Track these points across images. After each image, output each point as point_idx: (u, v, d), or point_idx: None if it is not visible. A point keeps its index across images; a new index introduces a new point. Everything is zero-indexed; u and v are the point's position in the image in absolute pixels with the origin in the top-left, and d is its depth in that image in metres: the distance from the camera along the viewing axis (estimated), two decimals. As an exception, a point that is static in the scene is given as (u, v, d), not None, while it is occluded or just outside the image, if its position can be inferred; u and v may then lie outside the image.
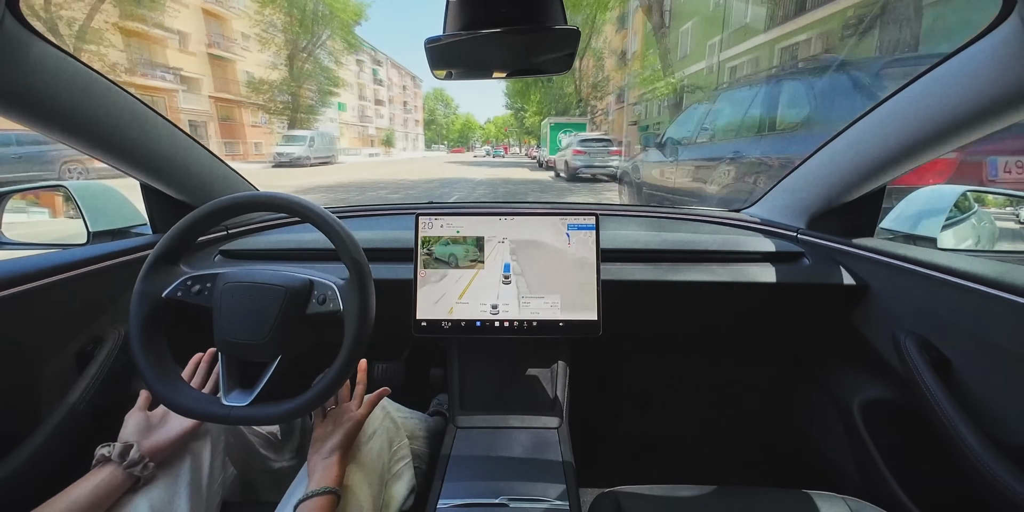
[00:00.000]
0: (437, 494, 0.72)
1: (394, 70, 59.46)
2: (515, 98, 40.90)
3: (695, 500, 0.73)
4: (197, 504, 0.66)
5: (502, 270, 0.86)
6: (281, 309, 0.62)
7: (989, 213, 1.50)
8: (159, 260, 0.65)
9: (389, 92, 56.57)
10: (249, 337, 0.62)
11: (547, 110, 30.30)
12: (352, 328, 0.61)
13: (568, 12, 0.62)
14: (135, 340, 0.62)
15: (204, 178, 1.02)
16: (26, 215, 2.12)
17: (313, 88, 26.02)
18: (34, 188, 1.47)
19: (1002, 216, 1.85)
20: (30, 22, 0.59)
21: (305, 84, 25.17)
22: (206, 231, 0.70)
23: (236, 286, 0.64)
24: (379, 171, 17.85)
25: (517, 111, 44.08)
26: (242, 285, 0.64)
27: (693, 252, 1.02)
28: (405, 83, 64.75)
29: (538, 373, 0.98)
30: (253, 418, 0.62)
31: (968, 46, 0.61)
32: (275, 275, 0.64)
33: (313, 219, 0.64)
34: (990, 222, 1.47)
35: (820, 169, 0.99)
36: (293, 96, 24.71)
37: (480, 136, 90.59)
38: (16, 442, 0.70)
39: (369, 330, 0.62)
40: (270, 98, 24.23)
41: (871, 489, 0.90)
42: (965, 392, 0.72)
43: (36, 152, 8.53)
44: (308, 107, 25.98)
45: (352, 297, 0.62)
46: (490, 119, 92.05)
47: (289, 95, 24.60)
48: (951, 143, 0.71)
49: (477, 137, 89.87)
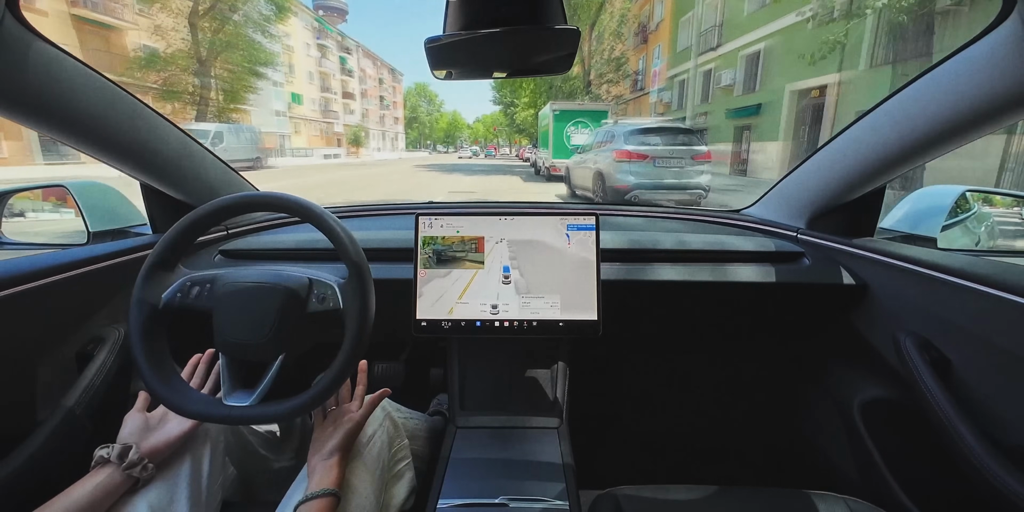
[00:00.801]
0: (437, 494, 0.72)
1: (368, 60, 53.14)
2: (503, 90, 35.19)
3: (695, 500, 0.73)
4: (197, 505, 0.66)
5: (502, 270, 0.86)
6: (281, 308, 0.62)
7: (989, 213, 1.50)
8: (155, 266, 0.65)
9: (362, 85, 50.71)
10: (250, 337, 0.62)
11: (542, 102, 23.74)
12: (352, 328, 0.61)
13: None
14: (136, 346, 0.62)
15: (203, 178, 1.02)
16: (58, 214, 2.20)
17: (238, 70, 18.43)
18: (34, 188, 1.47)
19: (1007, 216, 1.84)
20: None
21: (220, 63, 17.74)
22: (204, 233, 0.70)
23: (235, 287, 0.64)
24: (299, 182, 12.78)
25: (507, 107, 38.89)
26: (241, 286, 0.64)
27: (693, 252, 1.02)
28: (382, 76, 58.92)
29: (538, 373, 0.98)
30: (254, 418, 0.62)
31: (968, 46, 0.61)
32: (273, 274, 0.64)
33: (313, 219, 0.64)
34: (990, 222, 1.47)
35: (820, 169, 0.99)
36: (201, 77, 17.45)
37: (468, 136, 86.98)
38: (16, 442, 0.70)
39: (369, 330, 0.62)
40: (168, 80, 16.69)
41: (871, 489, 0.90)
42: (965, 392, 0.72)
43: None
44: (229, 95, 18.56)
45: (352, 297, 0.62)
46: (479, 118, 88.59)
47: (194, 76, 17.29)
48: (951, 143, 0.71)
49: (465, 137, 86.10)
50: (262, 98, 26.39)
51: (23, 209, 3.78)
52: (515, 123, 37.94)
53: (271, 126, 29.06)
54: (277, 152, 27.19)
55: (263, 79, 20.93)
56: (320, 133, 39.20)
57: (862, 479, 0.94)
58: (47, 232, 1.19)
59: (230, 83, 18.49)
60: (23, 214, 4.11)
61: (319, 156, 30.71)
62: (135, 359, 0.62)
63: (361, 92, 50.06)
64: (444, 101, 79.87)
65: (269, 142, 26.80)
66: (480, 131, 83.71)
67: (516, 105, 34.65)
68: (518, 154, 37.62)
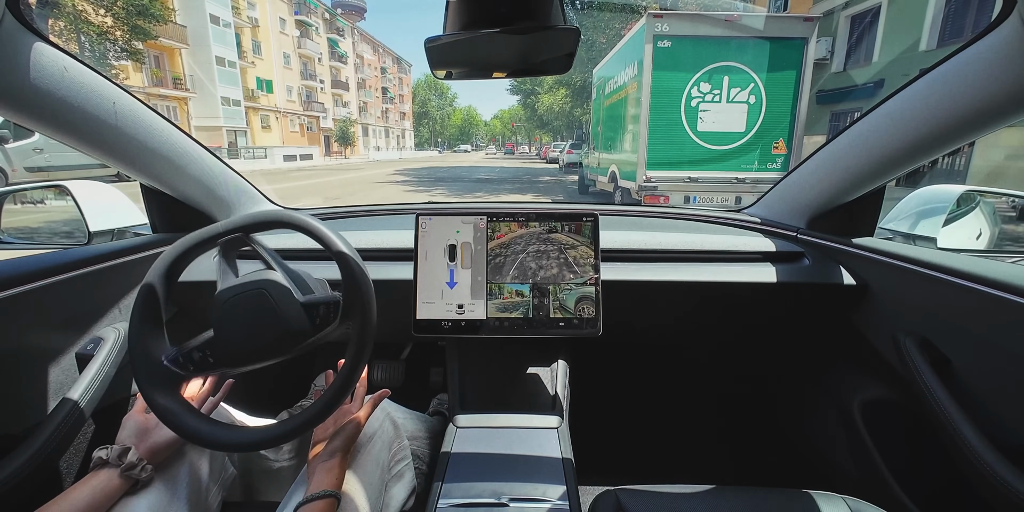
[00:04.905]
0: (437, 494, 0.72)
1: (366, 45, 44.95)
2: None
3: (695, 499, 0.73)
4: (196, 506, 0.66)
5: (503, 270, 0.86)
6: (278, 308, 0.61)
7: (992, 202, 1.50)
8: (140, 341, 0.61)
9: (359, 74, 42.86)
10: (255, 342, 0.60)
11: (577, 80, 17.68)
12: (354, 345, 0.60)
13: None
14: (146, 393, 0.60)
15: (204, 179, 1.02)
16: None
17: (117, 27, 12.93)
18: (34, 188, 1.47)
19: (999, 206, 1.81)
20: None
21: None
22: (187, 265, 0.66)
23: (233, 301, 0.61)
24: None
25: (526, 96, 34.31)
26: (238, 299, 0.61)
27: (693, 252, 1.02)
28: (385, 64, 50.65)
29: (538, 372, 0.98)
30: (264, 442, 0.60)
31: (968, 46, 0.61)
32: (272, 314, 0.61)
33: (314, 236, 0.62)
34: (990, 221, 1.47)
35: (820, 169, 0.99)
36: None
37: (485, 133, 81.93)
38: (15, 443, 0.70)
39: (370, 344, 0.61)
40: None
41: (871, 489, 0.90)
42: (965, 392, 0.72)
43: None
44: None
45: (353, 321, 0.60)
46: (496, 114, 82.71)
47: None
48: (951, 143, 0.71)
49: (482, 134, 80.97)
50: (201, 80, 21.30)
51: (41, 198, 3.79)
52: (536, 115, 32.36)
53: (215, 118, 22.66)
54: (229, 151, 20.98)
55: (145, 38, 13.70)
56: (301, 129, 32.21)
57: (862, 479, 0.94)
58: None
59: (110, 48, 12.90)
60: (43, 201, 4.09)
61: (278, 157, 21.64)
62: (153, 407, 0.59)
63: (358, 82, 42.52)
64: (457, 95, 70.16)
65: (215, 139, 22.04)
66: (497, 128, 78.81)
67: (538, 92, 29.11)
68: (540, 153, 31.83)
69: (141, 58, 15.13)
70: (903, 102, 0.75)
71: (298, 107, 32.02)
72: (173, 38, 19.66)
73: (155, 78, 20.08)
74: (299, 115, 32.29)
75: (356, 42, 41.79)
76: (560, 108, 29.32)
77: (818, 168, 0.99)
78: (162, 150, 0.88)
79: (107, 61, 13.97)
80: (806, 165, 1.03)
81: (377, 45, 48.41)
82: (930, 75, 0.68)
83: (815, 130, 11.02)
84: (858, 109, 10.44)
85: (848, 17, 10.82)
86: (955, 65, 0.64)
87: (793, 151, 5.46)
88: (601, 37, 15.32)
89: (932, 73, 0.68)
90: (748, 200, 2.20)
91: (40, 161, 8.82)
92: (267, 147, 23.57)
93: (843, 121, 10.97)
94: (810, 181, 1.03)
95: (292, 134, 30.92)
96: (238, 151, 22.21)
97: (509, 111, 69.91)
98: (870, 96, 10.02)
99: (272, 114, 29.12)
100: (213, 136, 22.63)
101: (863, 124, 0.84)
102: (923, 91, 0.70)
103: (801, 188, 1.07)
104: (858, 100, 10.58)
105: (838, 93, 10.99)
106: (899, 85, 0.75)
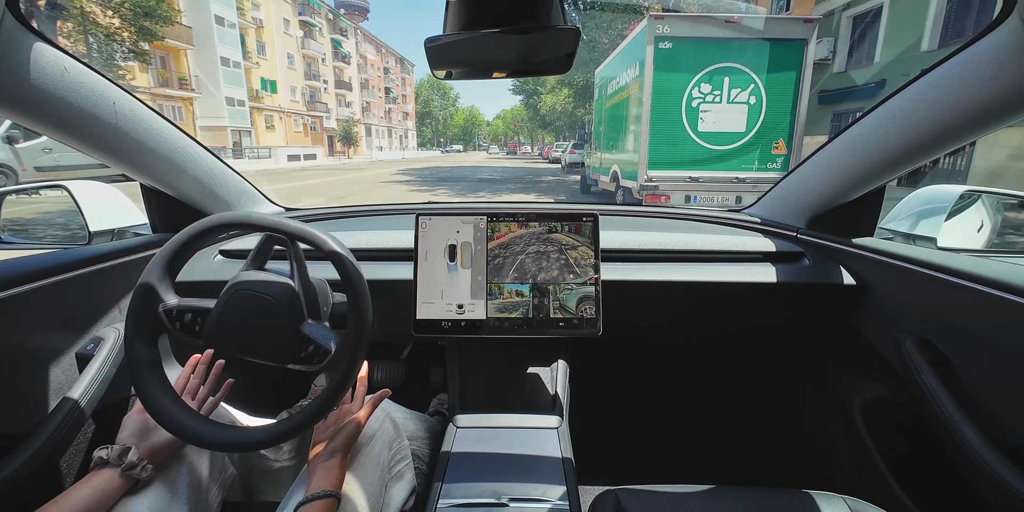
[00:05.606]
0: (437, 494, 0.72)
1: (369, 46, 45.39)
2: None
3: (695, 500, 0.73)
4: (196, 506, 0.66)
5: (503, 270, 0.86)
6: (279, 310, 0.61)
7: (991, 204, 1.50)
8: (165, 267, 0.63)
9: (363, 74, 43.19)
10: (242, 338, 0.60)
11: (578, 79, 17.24)
12: (351, 343, 0.60)
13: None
14: (138, 382, 0.60)
15: (204, 179, 1.02)
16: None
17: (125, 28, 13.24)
18: (34, 188, 1.47)
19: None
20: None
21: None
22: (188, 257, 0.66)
23: (240, 299, 0.61)
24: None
25: (528, 96, 34.23)
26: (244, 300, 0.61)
27: (693, 252, 1.02)
28: (388, 64, 51.25)
29: (538, 372, 0.98)
30: (260, 442, 0.60)
31: (968, 46, 0.61)
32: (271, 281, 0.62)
33: (313, 244, 0.62)
34: (992, 212, 1.46)
35: (820, 169, 0.99)
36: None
37: (488, 133, 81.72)
38: (15, 443, 0.70)
39: (366, 346, 0.61)
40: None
41: (871, 489, 0.90)
42: (965, 392, 0.72)
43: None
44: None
45: (346, 342, 0.60)
46: (499, 114, 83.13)
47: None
48: (951, 143, 0.71)
49: (484, 134, 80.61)
50: (206, 81, 21.64)
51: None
52: (539, 115, 32.58)
53: (220, 118, 23.07)
54: (234, 151, 21.38)
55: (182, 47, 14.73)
56: (305, 129, 32.51)
57: (862, 479, 0.94)
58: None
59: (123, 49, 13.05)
60: (38, 192, 4.12)
61: (282, 157, 21.92)
62: (143, 400, 0.60)
63: (361, 82, 42.92)
64: (460, 95, 71.35)
65: (220, 139, 22.48)
66: (500, 128, 79.32)
67: (540, 92, 29.14)
68: (542, 153, 31.63)
69: (147, 59, 15.23)
70: (903, 102, 0.75)
71: (302, 107, 32.28)
72: (179, 39, 19.87)
73: (161, 78, 20.22)
74: (303, 115, 32.50)
75: (359, 42, 42.05)
76: (562, 108, 29.36)
77: (818, 168, 0.99)
78: (162, 150, 0.88)
79: (114, 62, 14.02)
80: (806, 165, 1.03)
81: (380, 45, 48.64)
82: (930, 75, 0.68)
83: (817, 130, 11.05)
84: (860, 109, 10.18)
85: (850, 17, 10.89)
86: (955, 65, 0.64)
87: (793, 151, 5.48)
88: (604, 37, 15.17)
89: (932, 73, 0.68)
90: (748, 199, 2.18)
91: (49, 161, 8.96)
92: (271, 147, 23.89)
93: (845, 121, 10.87)
94: (810, 181, 1.03)
95: (296, 134, 31.11)
96: (243, 151, 22.39)
97: (512, 111, 70.32)
98: (872, 96, 10.15)
99: (276, 114, 29.35)
100: (218, 136, 22.64)
101: (863, 124, 0.84)
102: (923, 91, 0.70)
103: (801, 188, 1.07)
104: (860, 100, 10.67)
105: (840, 93, 11.09)
106: (900, 85, 0.75)
